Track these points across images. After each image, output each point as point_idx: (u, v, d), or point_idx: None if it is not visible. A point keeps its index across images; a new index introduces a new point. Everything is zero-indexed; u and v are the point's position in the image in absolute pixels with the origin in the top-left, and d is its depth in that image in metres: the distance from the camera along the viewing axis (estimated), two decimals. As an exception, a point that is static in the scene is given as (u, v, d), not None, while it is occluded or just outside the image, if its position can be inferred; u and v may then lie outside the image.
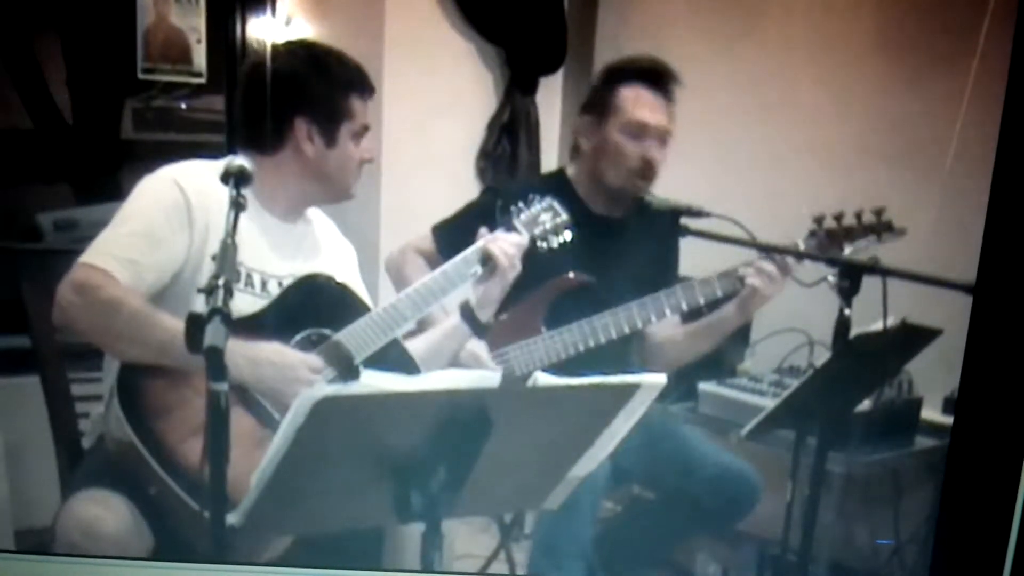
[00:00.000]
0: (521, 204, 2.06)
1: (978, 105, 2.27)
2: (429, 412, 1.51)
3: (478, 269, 1.98)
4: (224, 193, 1.72)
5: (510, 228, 2.04)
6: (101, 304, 1.75)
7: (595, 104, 2.23)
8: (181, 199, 1.83)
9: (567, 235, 2.06)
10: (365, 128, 1.94)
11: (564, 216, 2.06)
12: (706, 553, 2.61)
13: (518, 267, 2.02)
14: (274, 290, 1.91)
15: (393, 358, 1.94)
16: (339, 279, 2.01)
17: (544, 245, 2.05)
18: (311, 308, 1.92)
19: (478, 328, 2.03)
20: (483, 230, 2.04)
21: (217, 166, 1.81)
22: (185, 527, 1.75)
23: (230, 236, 1.59)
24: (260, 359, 1.81)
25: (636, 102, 2.18)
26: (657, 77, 2.19)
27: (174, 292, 1.83)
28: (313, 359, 1.86)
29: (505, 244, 2.00)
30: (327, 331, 1.90)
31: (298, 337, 1.89)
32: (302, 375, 1.82)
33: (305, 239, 1.99)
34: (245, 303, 1.85)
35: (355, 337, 1.91)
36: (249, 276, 1.89)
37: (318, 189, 1.96)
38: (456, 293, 2.27)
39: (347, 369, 1.88)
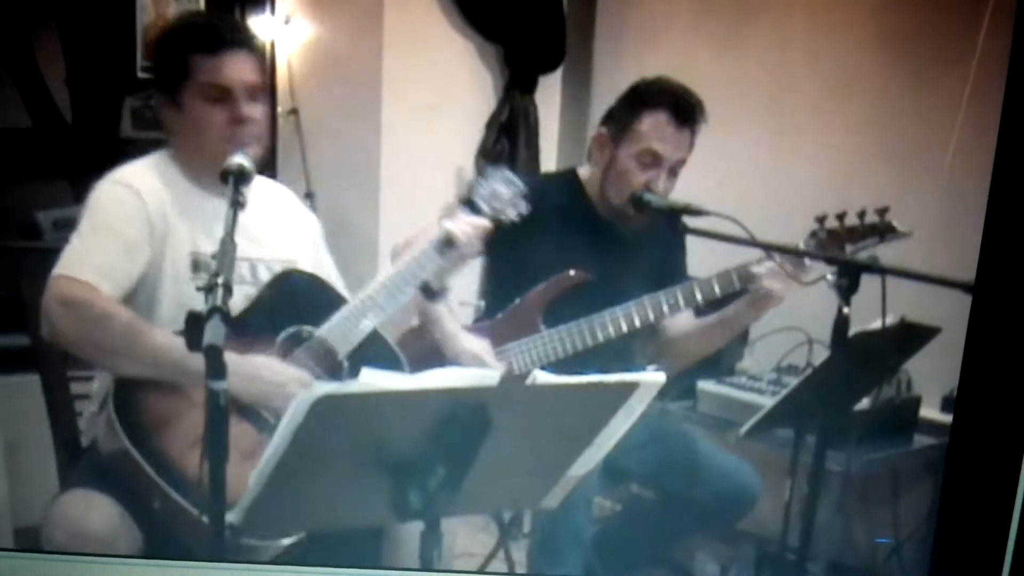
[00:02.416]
0: (480, 179, 2.05)
1: (977, 104, 2.27)
2: (427, 411, 1.51)
3: (443, 249, 1.97)
4: (172, 190, 1.83)
5: (474, 208, 2.02)
6: (92, 318, 1.76)
7: (615, 120, 2.20)
8: (138, 202, 1.84)
9: (524, 206, 2.05)
10: (216, 87, 1.85)
11: (520, 186, 2.05)
12: (705, 552, 2.61)
13: (478, 246, 2.02)
14: (244, 273, 1.91)
15: (376, 351, 1.95)
16: (308, 265, 2.01)
17: (505, 219, 2.04)
18: (291, 304, 1.92)
19: (431, 295, 2.02)
20: (449, 206, 2.03)
21: (157, 162, 1.88)
22: (185, 531, 1.75)
23: (229, 234, 1.59)
24: (253, 376, 1.82)
25: (655, 133, 2.14)
26: (686, 108, 2.14)
27: (138, 296, 1.84)
28: (304, 375, 1.86)
29: (465, 225, 1.99)
30: (310, 328, 1.91)
31: (283, 336, 1.90)
32: (293, 391, 1.81)
33: (263, 216, 1.97)
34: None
35: (336, 331, 1.91)
36: (208, 263, 1.87)
37: (202, 158, 1.89)
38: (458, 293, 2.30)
39: (332, 365, 1.90)
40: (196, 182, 1.91)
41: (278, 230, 2.00)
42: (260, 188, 1.97)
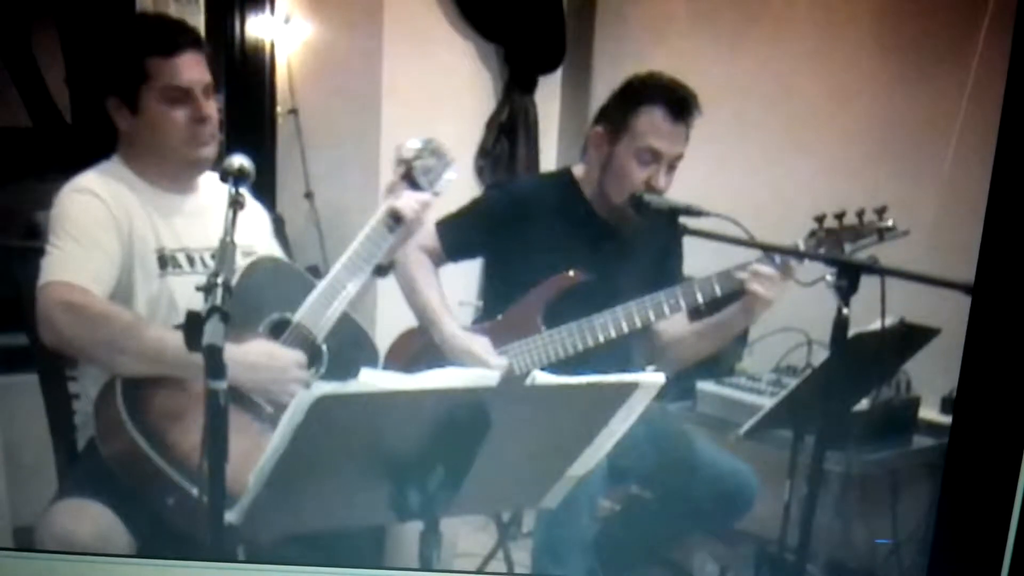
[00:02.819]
0: (415, 156, 2.06)
1: (977, 105, 2.27)
2: (427, 410, 1.51)
3: (392, 226, 2.01)
4: (130, 192, 1.87)
5: (414, 184, 2.04)
6: (94, 318, 1.78)
7: (611, 118, 2.19)
8: (103, 207, 1.87)
9: (451, 175, 2.08)
10: (176, 88, 1.87)
11: (446, 157, 2.08)
12: (704, 552, 2.61)
13: (424, 221, 2.07)
14: (208, 261, 1.94)
15: (349, 333, 1.99)
16: (265, 251, 2.05)
17: (439, 191, 2.07)
18: (266, 291, 1.95)
19: (379, 271, 2.04)
20: (391, 184, 2.06)
21: (110, 167, 1.91)
22: (197, 527, 1.75)
23: (229, 234, 1.61)
24: (255, 363, 1.84)
25: (653, 129, 2.14)
26: (681, 103, 2.14)
27: (116, 297, 1.86)
28: (300, 356, 1.89)
29: (412, 201, 2.03)
30: (288, 315, 1.94)
31: (266, 324, 1.92)
32: (294, 374, 1.86)
33: (215, 207, 1.98)
34: (187, 285, 1.87)
35: (311, 316, 1.94)
36: (174, 258, 1.92)
37: (161, 159, 1.93)
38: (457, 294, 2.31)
39: (313, 350, 1.93)
40: (151, 182, 1.94)
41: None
42: (214, 180, 2.01)
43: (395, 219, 2.00)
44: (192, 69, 1.88)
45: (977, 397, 1.73)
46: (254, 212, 2.07)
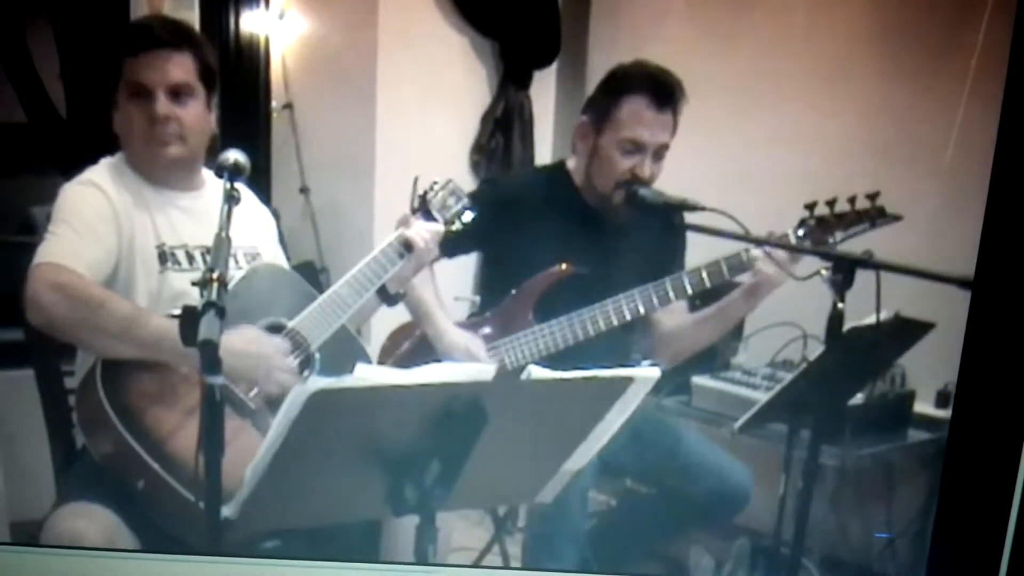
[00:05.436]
0: (435, 187, 2.07)
1: (978, 99, 2.27)
2: (423, 405, 1.51)
3: (402, 253, 2.03)
4: (130, 188, 1.89)
5: (428, 215, 2.07)
6: (83, 300, 1.78)
7: (595, 109, 2.19)
8: (106, 200, 1.88)
9: (467, 216, 2.10)
10: (136, 85, 1.89)
11: (465, 199, 2.09)
12: (699, 545, 2.61)
13: (434, 251, 2.08)
14: (202, 260, 1.95)
15: (344, 345, 1.99)
16: (269, 254, 2.06)
17: (452, 227, 2.09)
18: (263, 296, 1.96)
19: (388, 299, 2.07)
20: (404, 216, 2.07)
21: (113, 163, 1.93)
22: (178, 522, 1.75)
23: (224, 229, 1.61)
24: (237, 348, 1.83)
25: (636, 119, 2.14)
26: (664, 91, 2.14)
27: (116, 289, 1.87)
28: (282, 343, 1.91)
29: (423, 231, 2.04)
30: (284, 320, 1.94)
31: (260, 326, 1.92)
32: (278, 362, 1.88)
33: (217, 204, 2.00)
34: (183, 281, 1.88)
35: (308, 324, 1.95)
36: (173, 254, 1.92)
37: (134, 156, 1.94)
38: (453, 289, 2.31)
39: (306, 357, 1.94)
40: (148, 178, 1.94)
41: (241, 219, 2.02)
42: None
43: (406, 247, 2.02)
44: (156, 68, 1.89)
45: (977, 391, 1.73)
46: (259, 215, 2.09)
